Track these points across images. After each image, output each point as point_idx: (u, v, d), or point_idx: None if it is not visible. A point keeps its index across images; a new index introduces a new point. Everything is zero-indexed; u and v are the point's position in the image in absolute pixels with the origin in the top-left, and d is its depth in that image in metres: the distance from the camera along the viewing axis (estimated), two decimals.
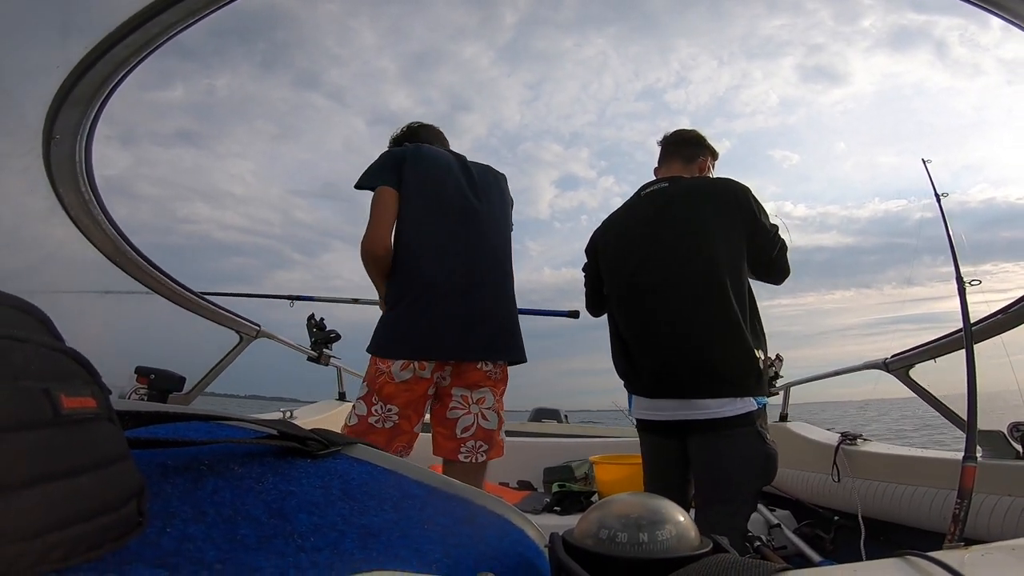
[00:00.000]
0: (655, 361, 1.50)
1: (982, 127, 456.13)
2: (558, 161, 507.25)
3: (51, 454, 0.24)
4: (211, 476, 0.41)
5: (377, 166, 1.56)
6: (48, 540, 0.22)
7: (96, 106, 1.10)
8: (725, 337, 1.41)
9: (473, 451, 1.46)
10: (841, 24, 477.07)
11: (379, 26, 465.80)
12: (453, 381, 1.48)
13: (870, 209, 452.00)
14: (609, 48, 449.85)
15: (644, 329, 1.54)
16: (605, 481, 2.38)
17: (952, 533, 1.12)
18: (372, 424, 1.41)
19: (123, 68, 1.04)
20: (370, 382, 1.44)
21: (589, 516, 0.49)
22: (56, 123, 1.09)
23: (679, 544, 0.45)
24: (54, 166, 1.20)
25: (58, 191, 1.27)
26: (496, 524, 0.58)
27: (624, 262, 1.59)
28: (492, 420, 1.49)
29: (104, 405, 0.30)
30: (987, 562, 0.38)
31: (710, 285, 1.42)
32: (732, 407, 1.39)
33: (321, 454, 0.54)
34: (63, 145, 1.15)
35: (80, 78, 1.02)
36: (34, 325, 0.30)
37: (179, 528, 0.33)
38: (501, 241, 1.61)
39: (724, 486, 1.42)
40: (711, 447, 1.43)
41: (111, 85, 1.07)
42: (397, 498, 0.52)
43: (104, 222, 1.45)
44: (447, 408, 1.48)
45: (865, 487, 1.83)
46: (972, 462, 1.19)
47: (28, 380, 0.26)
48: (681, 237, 1.49)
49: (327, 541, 0.39)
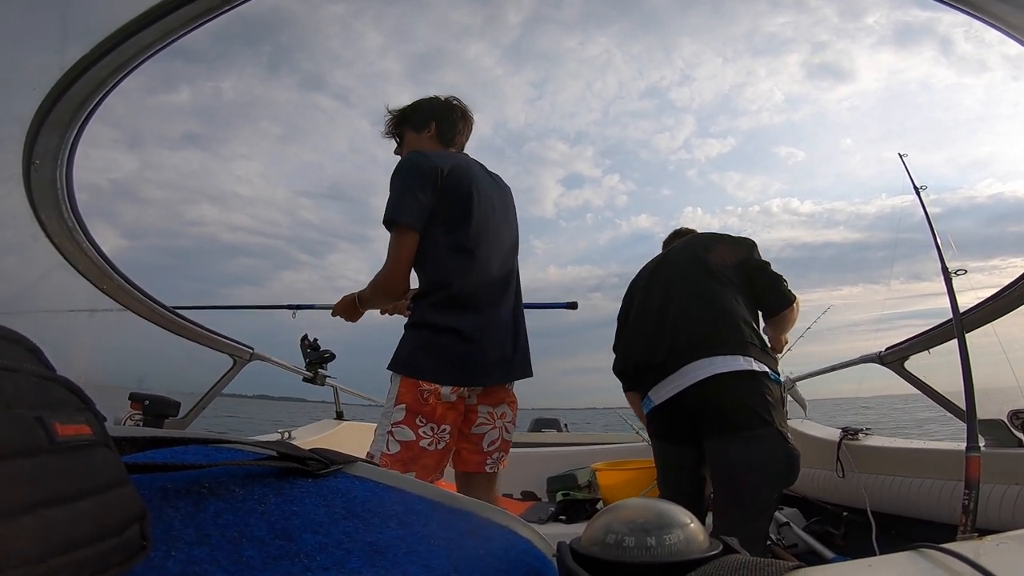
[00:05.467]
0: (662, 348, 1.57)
1: (989, 122, 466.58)
2: (563, 160, 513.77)
3: (49, 480, 0.24)
4: (213, 499, 0.40)
5: (413, 196, 1.38)
6: (53, 565, 0.22)
7: (75, 129, 1.08)
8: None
9: (497, 462, 1.51)
10: (845, 21, 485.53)
11: (383, 27, 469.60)
12: (480, 400, 1.47)
13: (877, 205, 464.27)
14: (613, 46, 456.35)
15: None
16: (609, 488, 2.36)
17: (964, 524, 1.12)
18: (424, 448, 1.34)
19: (102, 89, 1.01)
20: (414, 405, 1.35)
21: (595, 523, 0.48)
22: (35, 148, 1.07)
23: (688, 547, 0.45)
24: (35, 192, 1.18)
25: (40, 218, 1.25)
26: (502, 536, 0.57)
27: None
28: (511, 432, 1.55)
29: (100, 431, 0.30)
30: (1003, 551, 0.38)
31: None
32: (735, 363, 1.41)
33: (322, 473, 0.53)
34: (43, 171, 1.13)
35: (57, 100, 0.99)
36: (23, 355, 0.30)
37: (184, 551, 0.33)
38: (516, 258, 1.60)
39: (745, 491, 1.40)
40: (731, 451, 1.41)
41: (90, 107, 1.05)
42: (401, 514, 0.51)
43: (89, 249, 1.43)
44: (472, 424, 1.47)
45: (871, 481, 1.83)
46: (976, 452, 1.20)
47: (20, 409, 0.25)
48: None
49: (333, 560, 0.38)
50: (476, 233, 1.42)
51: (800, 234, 31.42)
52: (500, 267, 1.49)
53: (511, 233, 1.57)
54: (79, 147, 1.15)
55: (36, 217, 1.24)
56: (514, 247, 1.58)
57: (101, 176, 28.24)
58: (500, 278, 1.48)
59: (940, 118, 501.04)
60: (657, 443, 1.64)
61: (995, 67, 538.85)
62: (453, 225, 1.40)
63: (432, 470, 1.36)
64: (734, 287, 1.55)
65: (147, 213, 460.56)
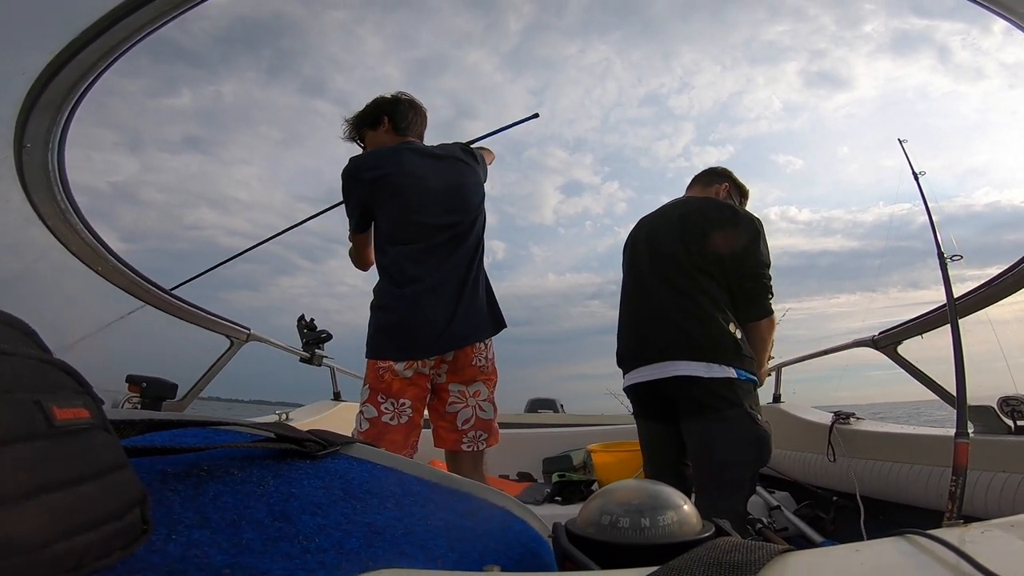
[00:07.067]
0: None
1: (985, 130, 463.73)
2: (562, 167, 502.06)
3: (49, 465, 0.24)
4: (212, 481, 0.41)
5: (350, 205, 1.59)
6: (57, 549, 0.22)
7: (66, 112, 1.07)
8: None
9: (474, 440, 1.54)
10: (843, 29, 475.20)
11: (384, 33, 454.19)
12: (449, 378, 1.53)
13: (874, 213, 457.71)
14: (612, 54, 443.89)
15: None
16: (604, 469, 2.40)
17: (950, 511, 1.13)
18: (387, 423, 1.43)
19: (92, 72, 1.00)
20: (374, 382, 1.47)
21: (591, 504, 0.49)
22: (26, 131, 1.06)
23: (681, 528, 0.46)
24: (27, 175, 1.17)
25: (33, 201, 1.24)
26: (499, 517, 0.58)
27: None
28: (488, 411, 1.57)
29: (98, 415, 0.30)
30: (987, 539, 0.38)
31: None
32: (707, 370, 1.42)
33: (320, 455, 0.53)
34: (34, 154, 1.13)
35: (47, 84, 0.98)
36: (20, 338, 0.30)
37: (184, 534, 0.33)
38: (471, 223, 1.61)
39: (718, 470, 1.44)
40: (703, 432, 1.45)
41: (80, 90, 1.04)
42: (399, 495, 0.52)
43: (83, 230, 1.42)
44: (445, 403, 1.54)
45: (861, 466, 1.85)
46: (964, 438, 1.19)
47: (18, 393, 0.25)
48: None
49: (332, 541, 0.39)
50: (405, 215, 1.52)
51: (798, 242, 30.78)
52: (439, 240, 1.53)
53: (457, 202, 1.58)
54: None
55: (28, 199, 1.23)
56: (463, 213, 1.58)
57: (101, 179, 27.48)
58: (439, 250, 1.53)
59: (937, 126, 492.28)
60: (639, 422, 1.68)
61: (992, 75, 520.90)
62: (388, 213, 1.53)
63: (401, 446, 1.43)
64: (716, 282, 1.53)
65: (146, 216, 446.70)
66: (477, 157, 1.69)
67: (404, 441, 1.44)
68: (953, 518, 1.11)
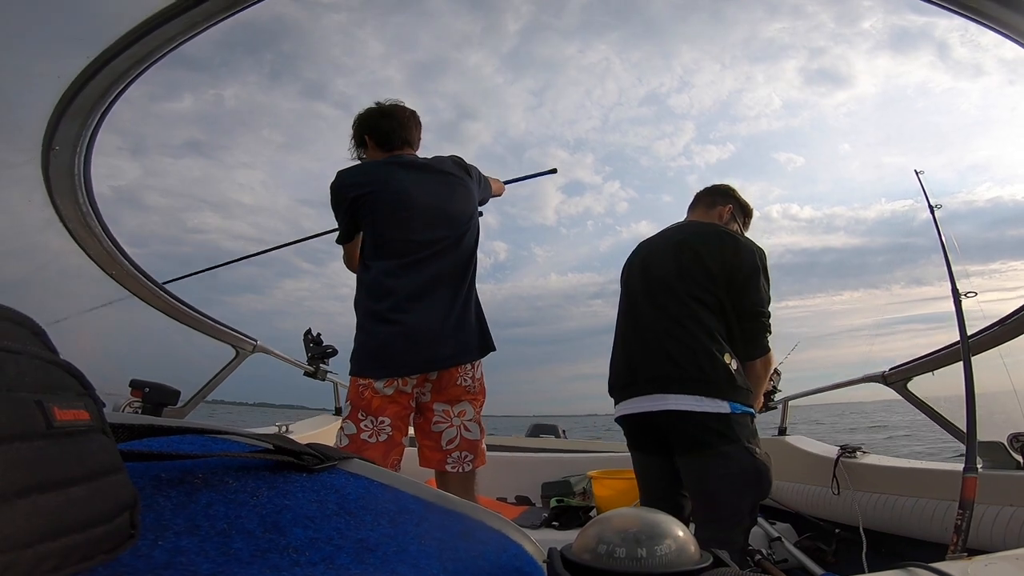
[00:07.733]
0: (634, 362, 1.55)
1: (986, 126, 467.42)
2: (563, 167, 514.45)
3: (43, 466, 0.24)
4: (205, 489, 0.40)
5: (338, 219, 1.60)
6: (40, 550, 0.22)
7: (96, 118, 1.10)
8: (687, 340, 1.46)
9: (459, 461, 1.52)
10: (842, 27, 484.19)
11: (385, 35, 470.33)
12: (434, 397, 1.51)
13: (877, 210, 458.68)
14: (612, 54, 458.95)
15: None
16: (603, 496, 2.35)
17: (955, 544, 1.12)
18: (365, 440, 1.42)
19: (123, 80, 1.04)
20: (354, 399, 1.46)
21: (588, 531, 0.48)
22: (56, 134, 1.09)
23: (678, 558, 0.45)
24: (53, 177, 1.20)
25: (56, 202, 1.27)
26: (494, 539, 0.57)
27: None
28: (474, 431, 1.54)
29: (97, 418, 0.30)
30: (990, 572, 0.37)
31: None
32: (699, 404, 1.38)
33: (317, 468, 0.53)
34: (62, 156, 1.15)
35: (80, 89, 1.02)
36: (28, 337, 0.30)
37: (172, 541, 0.33)
38: (462, 236, 1.58)
39: (716, 505, 1.41)
40: (699, 468, 1.42)
41: (111, 97, 1.07)
42: (394, 512, 0.51)
43: (102, 235, 1.45)
44: (430, 422, 1.52)
45: (866, 499, 1.82)
46: (973, 473, 1.19)
47: (21, 392, 0.25)
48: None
49: (322, 555, 0.38)
50: (387, 231, 1.51)
51: (800, 240, 30.84)
52: (423, 255, 1.50)
53: (442, 217, 1.54)
54: (99, 136, 1.16)
55: (51, 201, 1.26)
56: (449, 229, 1.54)
57: (104, 183, 28.71)
58: (422, 266, 1.49)
59: (938, 122, 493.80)
60: (633, 453, 1.64)
61: (991, 71, 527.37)
62: (370, 229, 1.53)
63: (380, 464, 1.38)
64: (711, 311, 1.49)
65: (150, 220, 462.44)
66: (469, 171, 1.66)
67: (383, 460, 1.41)
68: (957, 551, 1.09)
